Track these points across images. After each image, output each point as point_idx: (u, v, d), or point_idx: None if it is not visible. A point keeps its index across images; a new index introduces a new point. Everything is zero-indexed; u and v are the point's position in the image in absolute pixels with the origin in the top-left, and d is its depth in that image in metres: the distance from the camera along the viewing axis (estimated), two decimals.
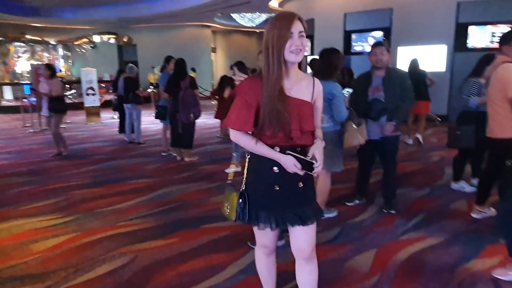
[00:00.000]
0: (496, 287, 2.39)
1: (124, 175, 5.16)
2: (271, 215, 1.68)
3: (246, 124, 1.62)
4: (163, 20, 16.27)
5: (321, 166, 1.61)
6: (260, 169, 1.69)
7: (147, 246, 3.05)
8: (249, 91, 1.63)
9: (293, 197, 1.69)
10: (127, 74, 7.28)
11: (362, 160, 3.73)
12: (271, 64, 1.57)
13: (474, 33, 8.89)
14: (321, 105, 1.77)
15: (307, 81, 1.71)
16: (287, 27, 1.54)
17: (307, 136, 1.67)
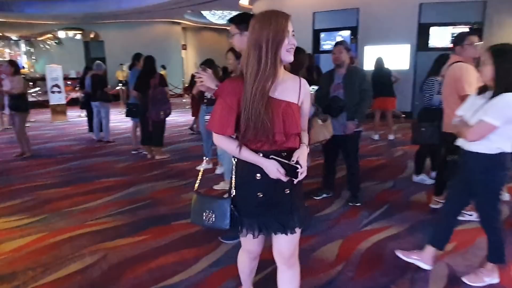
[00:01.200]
0: (449, 271, 2.59)
1: (92, 174, 5.09)
2: (254, 222, 1.62)
3: (228, 128, 1.54)
4: (132, 16, 15.96)
5: (305, 172, 1.54)
6: (244, 175, 1.62)
7: (117, 244, 3.05)
8: (230, 93, 1.54)
9: (278, 204, 1.61)
10: (94, 72, 7.14)
11: (327, 155, 3.88)
12: (264, 64, 1.47)
13: (435, 33, 9.31)
14: (308, 106, 1.69)
15: (293, 81, 1.62)
16: (284, 25, 1.48)
17: (293, 139, 1.59)
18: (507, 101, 2.11)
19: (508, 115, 2.12)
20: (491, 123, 2.12)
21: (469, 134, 2.23)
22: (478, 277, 2.41)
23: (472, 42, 3.24)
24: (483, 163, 2.26)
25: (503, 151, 2.21)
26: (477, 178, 2.32)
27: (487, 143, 2.20)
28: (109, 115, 7.19)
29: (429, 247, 2.56)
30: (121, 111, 11.50)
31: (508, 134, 2.19)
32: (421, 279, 2.49)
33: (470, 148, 2.29)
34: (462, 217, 3.40)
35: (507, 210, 3.63)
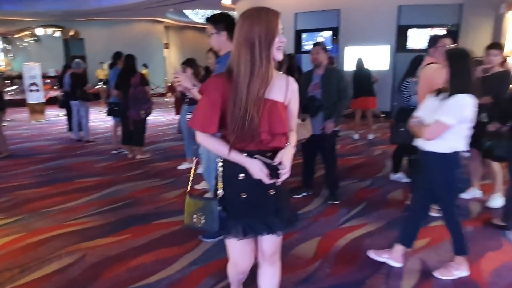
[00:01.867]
0: (422, 265, 2.68)
1: (72, 174, 5.03)
2: (239, 223, 1.57)
3: (211, 126, 1.49)
4: (113, 13, 15.72)
5: (288, 173, 1.52)
6: (228, 175, 1.58)
7: (96, 243, 3.04)
8: (214, 90, 1.50)
9: (263, 205, 1.58)
10: (74, 70, 7.03)
11: (306, 155, 3.95)
12: (258, 63, 1.43)
13: (413, 35, 9.53)
14: (296, 106, 1.64)
15: (280, 80, 1.57)
16: (276, 22, 1.45)
17: (279, 139, 1.55)
18: (461, 102, 2.23)
19: (461, 114, 2.24)
20: (446, 123, 2.23)
21: (426, 133, 2.34)
22: (448, 271, 2.51)
23: (444, 44, 3.35)
24: (440, 162, 2.37)
25: (457, 150, 2.33)
26: (435, 176, 2.43)
27: (443, 142, 2.31)
28: (89, 114, 7.09)
29: (398, 246, 2.66)
30: (101, 110, 11.34)
31: (462, 134, 2.31)
32: (395, 274, 2.58)
33: (427, 148, 2.40)
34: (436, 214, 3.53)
35: (478, 207, 3.77)
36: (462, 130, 2.30)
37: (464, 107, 2.23)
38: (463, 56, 2.34)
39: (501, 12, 9.33)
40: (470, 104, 2.24)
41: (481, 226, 3.33)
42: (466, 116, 2.25)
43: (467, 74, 2.28)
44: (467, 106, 2.23)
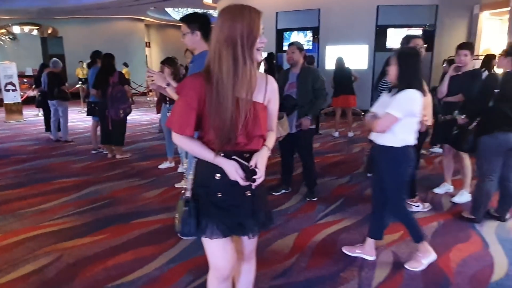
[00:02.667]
0: (394, 258, 2.77)
1: (49, 175, 4.95)
2: (214, 224, 1.53)
3: (188, 127, 1.45)
4: (92, 11, 15.46)
5: (262, 177, 1.50)
6: (204, 176, 1.55)
7: (73, 244, 3.02)
8: (191, 91, 1.44)
9: (239, 206, 1.55)
10: (51, 69, 6.91)
11: (283, 152, 4.02)
12: (241, 63, 1.38)
13: (392, 34, 9.73)
14: (276, 106, 1.61)
15: (260, 79, 1.51)
16: (258, 21, 1.40)
17: (257, 141, 1.52)
18: (408, 96, 2.36)
19: (409, 108, 2.36)
20: (394, 115, 2.35)
21: (376, 126, 2.46)
22: (417, 261, 2.61)
23: (416, 44, 3.45)
24: (390, 156, 2.48)
25: (407, 144, 2.44)
26: (384, 169, 2.54)
27: (393, 136, 2.42)
28: (67, 114, 6.98)
29: (369, 240, 2.75)
30: (81, 110, 11.17)
31: (410, 127, 2.43)
32: (368, 266, 2.66)
33: (379, 141, 2.52)
34: (410, 208, 3.64)
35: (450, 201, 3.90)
36: (410, 124, 2.42)
37: (411, 102, 2.36)
38: (411, 55, 2.49)
39: (475, 13, 9.62)
40: (417, 98, 2.37)
41: (451, 219, 3.46)
42: (413, 110, 2.38)
43: (414, 71, 2.42)
44: (414, 100, 2.37)
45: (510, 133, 3.08)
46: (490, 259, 2.73)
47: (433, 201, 3.86)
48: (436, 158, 5.60)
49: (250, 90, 1.42)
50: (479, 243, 2.99)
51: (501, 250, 2.87)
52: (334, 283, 2.45)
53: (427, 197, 3.99)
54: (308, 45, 10.54)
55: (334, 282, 2.46)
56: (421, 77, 2.46)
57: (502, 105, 3.07)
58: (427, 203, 3.72)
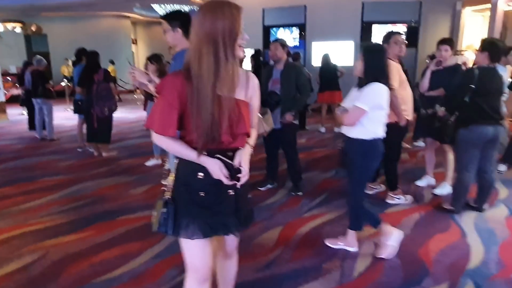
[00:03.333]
0: (376, 248, 2.84)
1: (34, 174, 4.91)
2: (195, 221, 1.50)
3: (170, 128, 1.41)
4: (77, 8, 15.23)
5: (247, 176, 1.50)
6: (186, 175, 1.52)
7: (59, 241, 3.02)
8: (172, 90, 1.40)
9: (221, 205, 1.53)
10: (35, 67, 6.82)
11: (268, 148, 4.06)
12: (223, 62, 1.35)
13: (377, 31, 9.83)
14: (257, 102, 1.59)
15: (241, 76, 1.49)
16: (239, 18, 1.37)
17: (241, 139, 1.50)
18: (375, 89, 2.45)
19: (375, 101, 2.44)
20: (361, 108, 2.44)
21: (344, 119, 2.55)
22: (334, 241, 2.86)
23: (396, 41, 3.53)
24: (360, 148, 2.56)
25: (376, 136, 2.53)
26: (353, 161, 2.63)
27: (362, 129, 2.50)
28: (52, 112, 6.91)
29: (350, 231, 2.82)
30: (66, 108, 11.04)
31: (378, 119, 2.51)
32: (350, 257, 2.72)
33: (349, 134, 2.60)
34: (392, 201, 3.74)
35: (431, 193, 4.00)
36: (378, 116, 2.50)
37: (377, 95, 2.45)
38: (376, 50, 2.59)
39: (457, 9, 9.78)
40: (383, 92, 2.46)
41: (432, 210, 3.56)
42: (380, 103, 2.47)
43: (380, 66, 2.50)
44: (380, 93, 2.45)
45: (485, 126, 3.18)
46: (467, 248, 2.82)
47: (415, 194, 3.95)
48: (419, 152, 5.71)
49: (232, 88, 1.40)
50: (457, 233, 3.09)
51: (478, 239, 2.97)
52: (317, 274, 2.51)
53: (410, 189, 4.08)
54: (295, 41, 10.59)
55: (316, 273, 2.52)
56: (387, 71, 2.54)
57: (478, 100, 3.16)
58: (409, 196, 3.81)
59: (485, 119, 3.17)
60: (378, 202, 3.75)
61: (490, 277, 2.45)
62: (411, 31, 9.72)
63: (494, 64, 3.25)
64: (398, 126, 3.40)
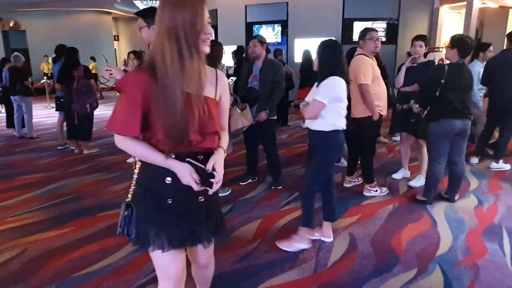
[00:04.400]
0: (350, 239, 2.95)
1: (12, 171, 4.86)
2: (163, 232, 1.39)
3: (133, 128, 1.30)
4: (57, 4, 14.95)
5: (220, 182, 1.38)
6: (152, 179, 1.41)
7: (38, 238, 3.03)
8: (134, 87, 1.29)
9: (191, 213, 1.43)
10: (13, 64, 6.70)
11: (247, 143, 4.13)
12: (187, 57, 1.26)
13: (358, 27, 9.98)
14: (227, 102, 1.52)
15: (210, 74, 1.42)
16: (202, 10, 1.26)
17: (211, 139, 1.39)
18: (331, 83, 2.53)
19: (333, 93, 2.53)
20: (320, 101, 2.52)
21: (305, 113, 2.64)
22: (290, 243, 2.80)
23: (371, 37, 3.62)
24: (320, 139, 2.65)
25: (336, 128, 2.60)
26: (314, 152, 2.72)
27: (323, 121, 2.59)
28: (31, 109, 6.81)
29: (325, 223, 2.92)
30: (47, 105, 10.87)
31: (337, 112, 2.59)
32: (326, 247, 2.82)
33: (312, 127, 2.69)
34: (369, 193, 3.85)
35: (406, 185, 4.14)
36: (337, 108, 2.58)
37: (334, 87, 2.53)
38: (330, 45, 2.65)
39: (435, 7, 10.01)
40: (340, 84, 2.54)
41: (406, 202, 3.68)
42: (338, 95, 2.54)
43: (333, 60, 2.58)
44: (337, 86, 2.53)
45: (454, 120, 3.31)
46: (437, 236, 2.95)
47: (391, 186, 4.08)
48: (396, 146, 5.86)
49: (200, 84, 1.32)
50: (428, 222, 3.21)
51: (448, 227, 3.10)
52: (293, 263, 2.59)
53: (386, 182, 4.21)
54: (277, 38, 10.67)
55: (292, 263, 2.60)
56: (342, 65, 2.62)
57: (447, 94, 3.29)
58: (385, 188, 3.93)
59: (454, 113, 3.30)
60: (355, 194, 3.86)
61: (456, 263, 2.58)
62: (391, 28, 9.93)
63: (463, 60, 3.38)
64: (371, 121, 3.50)
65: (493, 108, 4.71)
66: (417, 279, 2.40)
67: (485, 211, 3.45)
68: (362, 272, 2.48)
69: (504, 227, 3.11)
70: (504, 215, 3.34)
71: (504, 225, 3.15)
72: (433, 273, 2.46)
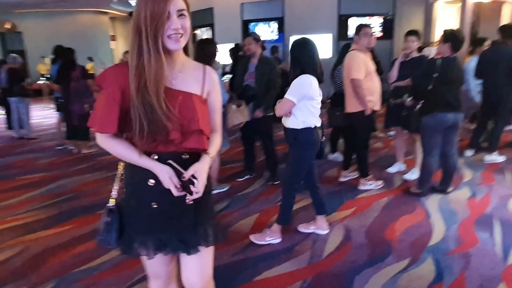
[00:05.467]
0: (345, 231, 3.01)
1: (12, 172, 4.92)
2: (148, 239, 1.34)
3: (108, 124, 1.24)
4: (53, 5, 14.94)
5: (201, 191, 1.28)
6: (135, 182, 1.35)
7: (39, 235, 3.09)
8: (113, 82, 1.25)
9: (178, 217, 1.34)
10: (10, 65, 6.74)
11: (245, 140, 4.18)
12: (146, 53, 1.20)
13: (353, 23, 10.03)
14: (217, 99, 1.42)
15: (197, 70, 1.37)
16: (163, 3, 1.18)
17: (196, 138, 1.30)
18: (301, 81, 2.55)
19: (302, 92, 2.54)
20: (290, 99, 2.56)
21: (277, 110, 2.69)
22: (262, 236, 2.85)
23: (366, 33, 3.67)
24: (292, 137, 2.69)
25: (308, 125, 2.62)
26: (291, 149, 2.77)
27: (294, 119, 2.62)
28: (30, 110, 6.86)
29: (318, 216, 2.98)
30: (45, 106, 10.91)
31: (308, 110, 2.60)
32: (321, 239, 2.88)
33: (285, 124, 2.73)
34: (364, 187, 3.91)
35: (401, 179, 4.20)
36: (308, 106, 2.60)
37: (304, 86, 2.54)
38: (302, 44, 2.66)
39: (430, 1, 10.04)
40: (309, 82, 2.55)
41: (400, 194, 3.74)
42: (308, 93, 2.55)
43: (306, 58, 2.59)
44: (307, 84, 2.55)
45: (447, 113, 3.36)
46: (430, 227, 3.02)
47: (386, 179, 4.14)
48: (392, 140, 5.92)
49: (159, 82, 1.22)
50: (422, 214, 3.28)
51: (441, 218, 3.16)
52: (289, 255, 2.66)
53: (381, 175, 4.26)
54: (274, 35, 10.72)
55: (288, 255, 2.66)
56: (314, 62, 2.62)
57: (440, 88, 3.34)
58: (380, 181, 3.99)
59: (446, 106, 3.36)
60: (351, 188, 3.93)
61: (448, 252, 2.64)
62: (387, 23, 9.98)
63: (455, 54, 3.43)
64: (363, 115, 3.56)
65: (485, 101, 4.77)
66: (409, 268, 2.46)
67: (478, 202, 3.52)
68: (356, 262, 2.54)
69: (495, 217, 3.18)
70: (496, 206, 3.41)
71: (495, 215, 3.21)
72: (425, 262, 2.52)
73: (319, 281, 2.37)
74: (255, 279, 2.40)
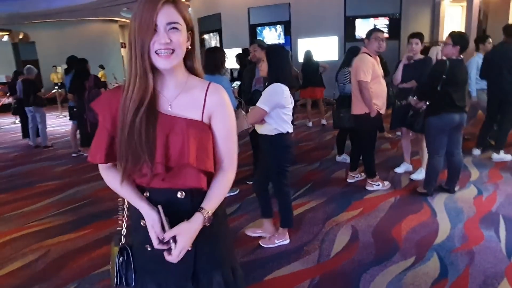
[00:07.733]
0: (352, 230, 3.09)
1: (31, 179, 5.10)
2: (147, 281, 1.22)
3: (97, 153, 1.15)
4: (64, 15, 15.33)
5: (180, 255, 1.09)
6: (134, 218, 1.23)
7: (59, 240, 3.24)
8: (106, 108, 1.14)
9: (175, 264, 1.13)
10: (25, 76, 6.98)
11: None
12: (133, 70, 1.06)
13: (360, 25, 10.09)
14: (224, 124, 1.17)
15: (199, 90, 1.15)
16: (150, 15, 1.02)
17: (190, 174, 1.12)
18: (273, 90, 2.58)
19: (274, 100, 2.57)
20: (262, 108, 2.59)
21: (249, 118, 2.73)
22: (271, 240, 2.92)
23: (376, 37, 3.72)
24: (267, 143, 2.75)
25: (280, 132, 2.66)
26: (266, 155, 2.80)
27: (267, 126, 2.67)
28: (45, 119, 7.08)
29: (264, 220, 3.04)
30: (59, 114, 11.18)
31: (281, 117, 2.64)
32: (329, 240, 2.97)
33: (259, 130, 2.78)
34: (371, 188, 3.99)
35: (408, 179, 4.26)
36: (279, 114, 2.62)
37: (275, 94, 2.56)
38: (278, 51, 2.69)
39: (436, 1, 10.04)
40: (281, 91, 2.56)
41: (407, 194, 3.81)
42: (280, 102, 2.57)
43: (280, 66, 2.61)
44: (279, 93, 2.56)
45: (453, 114, 3.42)
46: (436, 226, 3.08)
47: (393, 180, 4.20)
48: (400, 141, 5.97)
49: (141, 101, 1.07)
50: (428, 213, 3.34)
51: (447, 217, 3.23)
52: (298, 255, 2.75)
53: (388, 176, 4.33)
54: (281, 39, 10.82)
55: (298, 255, 2.76)
56: (287, 71, 2.65)
57: (448, 89, 3.40)
58: (387, 182, 4.06)
59: (453, 107, 3.42)
60: (358, 189, 4.00)
61: (453, 250, 2.71)
62: (393, 24, 10.00)
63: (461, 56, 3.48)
64: (369, 117, 3.64)
65: (492, 100, 4.80)
66: (415, 265, 2.54)
67: (484, 200, 3.57)
68: (363, 261, 2.63)
69: (501, 214, 3.23)
70: (502, 203, 3.46)
71: (501, 212, 3.27)
72: (430, 259, 2.59)
73: (327, 280, 2.46)
74: (266, 278, 2.51)
